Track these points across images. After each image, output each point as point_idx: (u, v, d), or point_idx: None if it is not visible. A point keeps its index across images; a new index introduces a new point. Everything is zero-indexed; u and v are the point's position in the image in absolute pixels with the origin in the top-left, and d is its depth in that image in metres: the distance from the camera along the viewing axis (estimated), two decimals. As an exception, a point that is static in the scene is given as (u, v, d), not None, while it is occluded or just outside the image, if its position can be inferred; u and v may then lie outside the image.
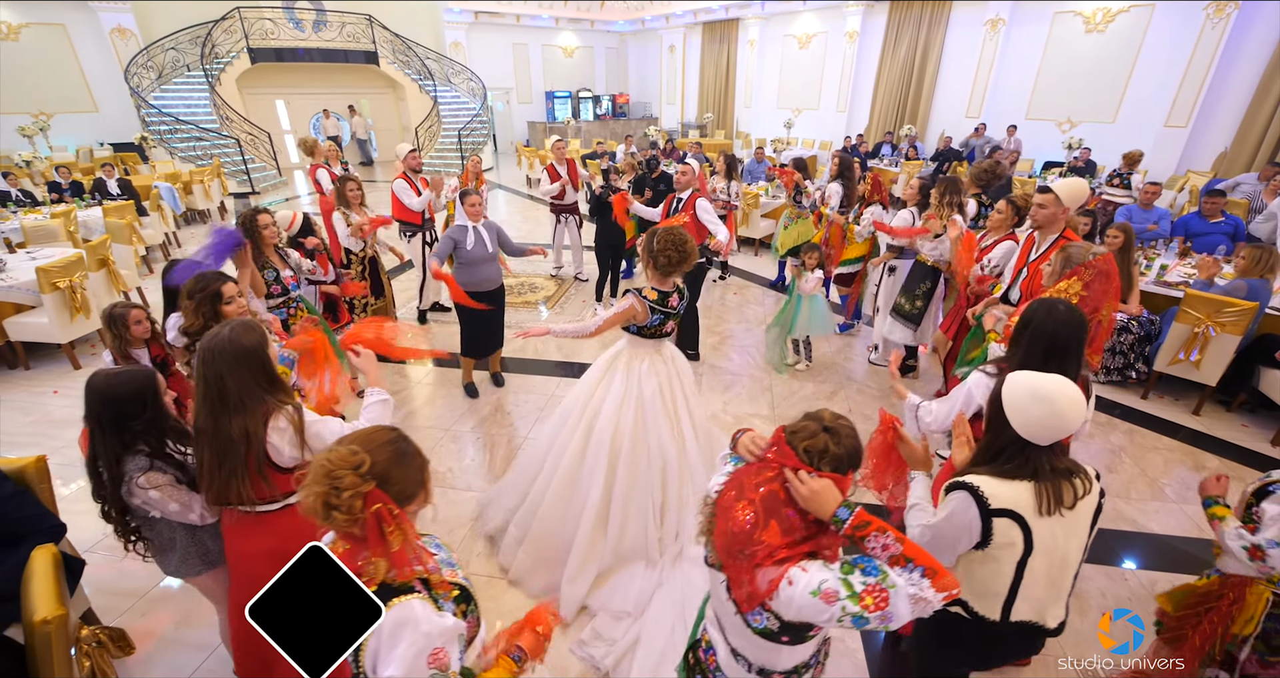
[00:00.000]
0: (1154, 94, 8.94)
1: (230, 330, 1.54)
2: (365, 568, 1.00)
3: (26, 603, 1.47)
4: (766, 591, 1.04)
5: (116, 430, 1.62)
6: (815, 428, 1.11)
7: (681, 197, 4.34)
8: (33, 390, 4.27)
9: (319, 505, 0.98)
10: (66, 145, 12.26)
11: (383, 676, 0.97)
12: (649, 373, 2.45)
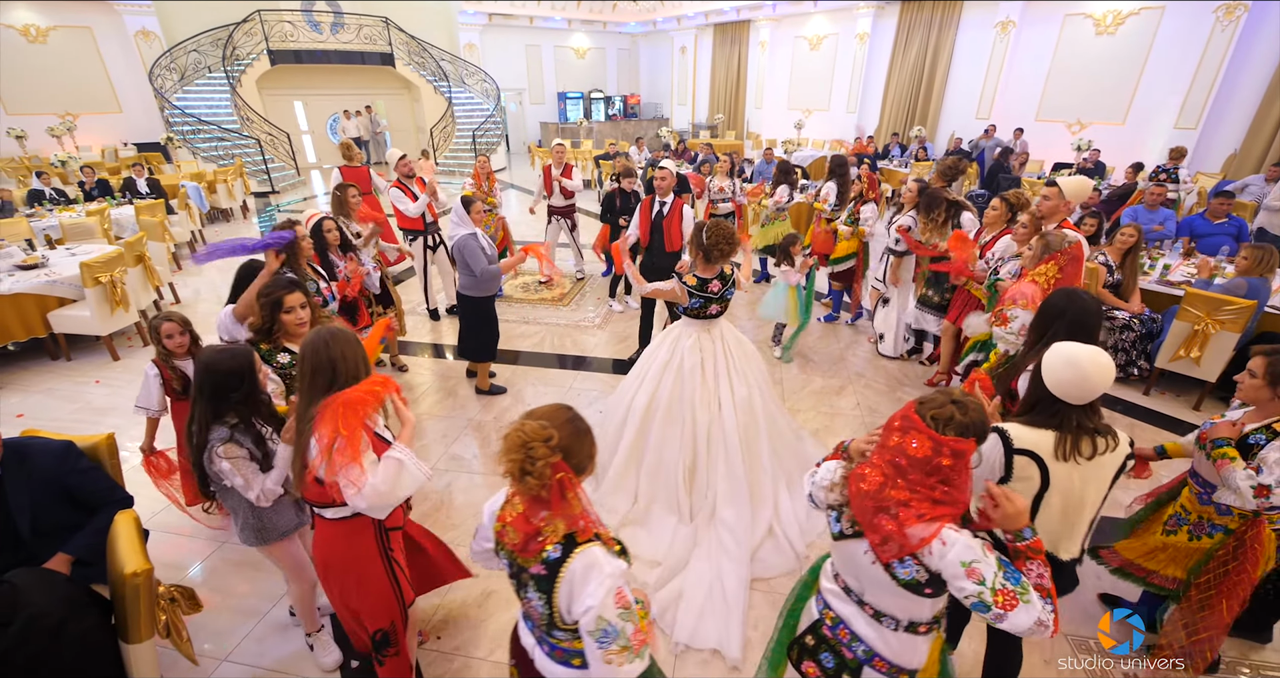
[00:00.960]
0: (1164, 96, 8.98)
1: (318, 334, 1.61)
2: (544, 527, 1.20)
3: (115, 560, 1.64)
4: (917, 545, 1.18)
5: (213, 400, 1.78)
6: (943, 400, 1.24)
7: (665, 201, 4.32)
8: (75, 380, 4.49)
9: (516, 471, 1.16)
10: (91, 145, 12.61)
11: (580, 610, 1.15)
12: (691, 349, 2.75)
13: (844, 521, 1.33)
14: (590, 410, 3.99)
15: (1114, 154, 9.17)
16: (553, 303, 5.99)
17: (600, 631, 1.13)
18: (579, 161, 12.33)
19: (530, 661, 1.34)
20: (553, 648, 1.28)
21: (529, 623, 1.34)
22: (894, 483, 1.19)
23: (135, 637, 1.61)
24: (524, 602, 1.28)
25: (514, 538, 1.24)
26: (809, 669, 1.46)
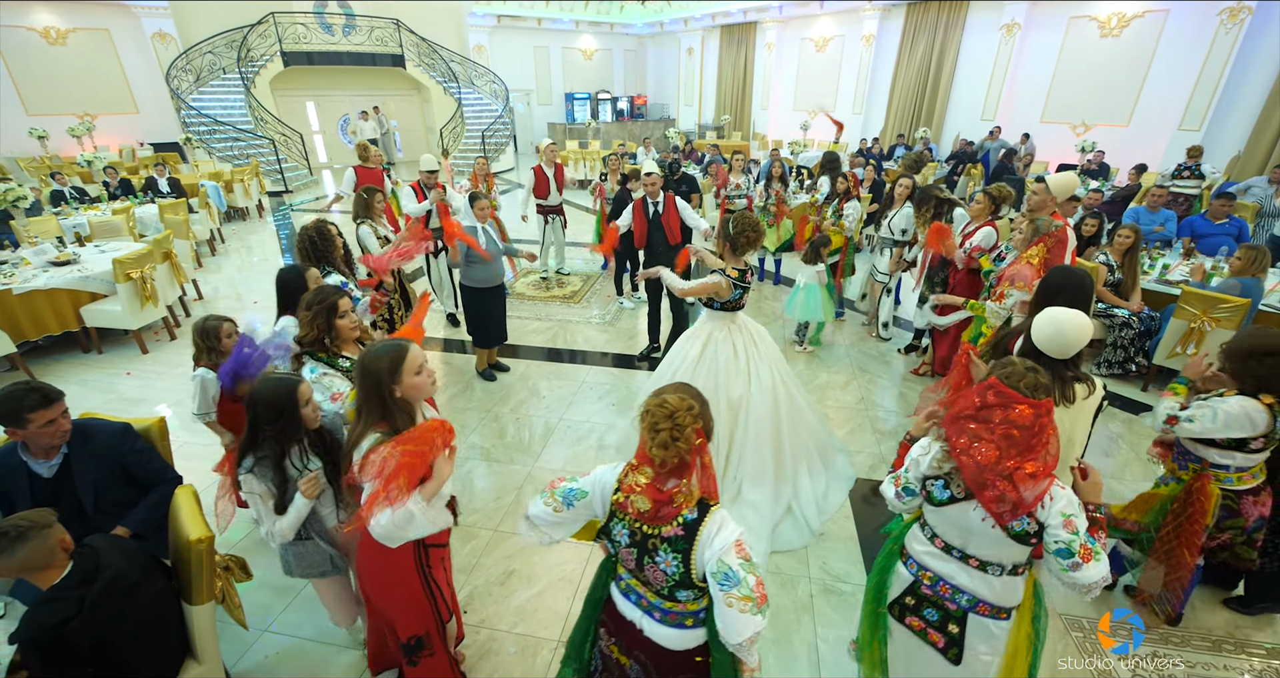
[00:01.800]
0: (1168, 98, 9.06)
1: (376, 349, 1.63)
2: (675, 493, 1.32)
3: (179, 529, 1.79)
4: (1033, 502, 1.35)
5: (252, 428, 1.76)
6: (1023, 369, 1.42)
7: (657, 202, 4.41)
8: (107, 372, 4.66)
9: (668, 439, 1.28)
10: (109, 145, 12.85)
11: (708, 557, 1.28)
12: (724, 341, 2.89)
13: (952, 487, 1.49)
14: (603, 404, 4.14)
15: (1118, 156, 9.25)
16: (564, 301, 6.13)
17: (722, 574, 1.24)
18: (586, 162, 12.48)
19: (638, 630, 1.43)
20: (665, 613, 1.39)
21: (633, 596, 1.45)
22: (1009, 453, 1.35)
23: (198, 599, 1.76)
24: (647, 567, 1.35)
25: (642, 506, 1.34)
26: (914, 623, 1.64)
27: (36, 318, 4.56)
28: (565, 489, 1.45)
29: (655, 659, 1.43)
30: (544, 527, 1.47)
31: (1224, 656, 2.29)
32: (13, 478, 2.01)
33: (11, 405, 1.90)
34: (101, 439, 2.12)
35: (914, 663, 1.69)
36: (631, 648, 1.46)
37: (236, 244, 8.45)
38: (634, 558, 1.38)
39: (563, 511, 1.44)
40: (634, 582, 1.44)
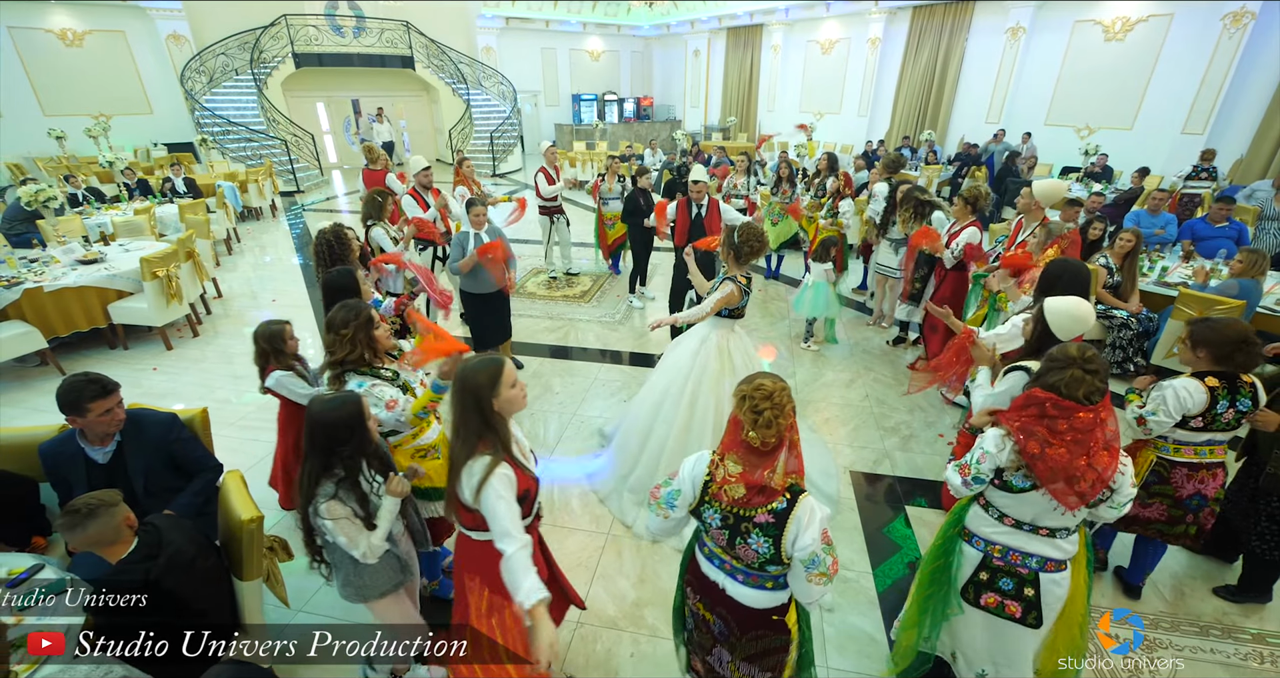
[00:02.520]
0: (1171, 102, 9.13)
1: (474, 364, 1.65)
2: (764, 480, 1.45)
3: (230, 510, 1.93)
4: (1110, 476, 1.57)
5: (324, 452, 1.72)
6: (1080, 374, 1.56)
7: (702, 204, 4.68)
8: (134, 367, 4.81)
9: (771, 418, 1.41)
10: (124, 145, 13.05)
11: (801, 545, 1.44)
12: (736, 348, 2.96)
13: (1032, 477, 1.65)
14: (614, 400, 4.27)
15: (1121, 159, 9.32)
16: (575, 300, 6.26)
17: (811, 559, 1.43)
18: (594, 163, 12.61)
19: (720, 590, 1.60)
20: (747, 576, 1.56)
21: (716, 560, 1.61)
22: (1077, 454, 1.55)
23: (247, 575, 1.90)
24: (738, 546, 1.50)
25: (737, 493, 1.48)
26: (989, 600, 1.79)
27: (66, 315, 4.72)
28: (666, 495, 1.62)
29: (737, 616, 1.59)
30: (662, 533, 1.69)
31: (1211, 640, 2.40)
32: (70, 463, 2.15)
33: (73, 395, 2.04)
34: (151, 428, 2.25)
35: (992, 640, 1.85)
36: (715, 606, 1.63)
37: (251, 244, 8.62)
38: (725, 538, 1.53)
39: (670, 514, 1.62)
40: (718, 550, 1.59)
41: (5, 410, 4.19)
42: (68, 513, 1.59)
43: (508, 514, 1.55)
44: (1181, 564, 2.83)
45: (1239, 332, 2.11)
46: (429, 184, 5.17)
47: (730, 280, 2.85)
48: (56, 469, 2.16)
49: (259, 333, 2.54)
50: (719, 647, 1.67)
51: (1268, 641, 2.41)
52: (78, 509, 1.59)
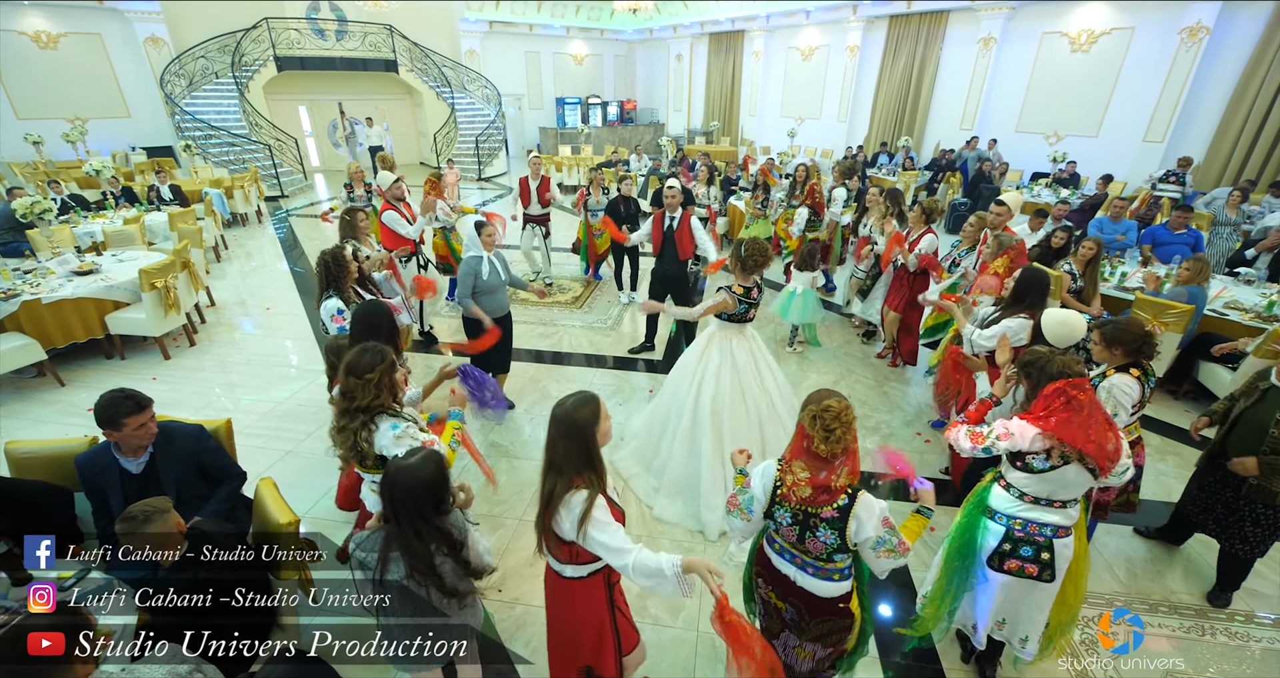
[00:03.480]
0: (1134, 111, 9.57)
1: (573, 402, 1.69)
2: (831, 480, 1.67)
3: (267, 514, 2.07)
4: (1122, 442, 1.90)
5: (415, 516, 1.63)
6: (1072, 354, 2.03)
7: (674, 215, 4.69)
8: (133, 377, 4.86)
9: (840, 436, 1.63)
10: (100, 150, 12.87)
11: (864, 535, 1.66)
12: (739, 349, 3.19)
13: (1053, 458, 1.93)
14: (610, 404, 4.45)
15: (1088, 165, 9.74)
16: (567, 306, 6.43)
17: (876, 541, 1.67)
18: (580, 168, 12.76)
19: (791, 582, 1.82)
20: (817, 569, 1.78)
21: (787, 555, 1.82)
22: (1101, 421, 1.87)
23: (285, 574, 2.04)
24: (808, 540, 1.72)
25: (804, 493, 1.70)
26: (1012, 566, 2.07)
27: (64, 326, 4.76)
28: (745, 502, 1.83)
29: (808, 604, 1.81)
30: (747, 532, 1.90)
31: (1159, 616, 2.66)
32: (106, 474, 2.27)
33: (110, 411, 2.17)
34: (181, 440, 2.38)
35: (1012, 597, 2.15)
36: (787, 595, 1.85)
37: (237, 250, 8.62)
38: (795, 533, 1.75)
39: (750, 518, 1.84)
40: (788, 546, 1.80)
41: (6, 423, 4.23)
42: (125, 519, 1.73)
43: (616, 535, 1.62)
44: (1136, 550, 3.10)
45: (1141, 328, 2.43)
46: (402, 196, 5.15)
47: (725, 290, 3.09)
48: (92, 479, 2.27)
49: (327, 347, 2.61)
50: (786, 631, 1.89)
51: (1208, 615, 2.68)
52: (134, 516, 1.73)
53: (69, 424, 4.22)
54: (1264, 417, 2.46)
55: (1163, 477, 3.69)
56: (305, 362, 5.18)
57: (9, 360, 4.40)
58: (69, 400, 4.53)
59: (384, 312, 2.57)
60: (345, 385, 2.02)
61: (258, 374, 4.97)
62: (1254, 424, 2.49)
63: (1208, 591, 2.80)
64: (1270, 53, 8.28)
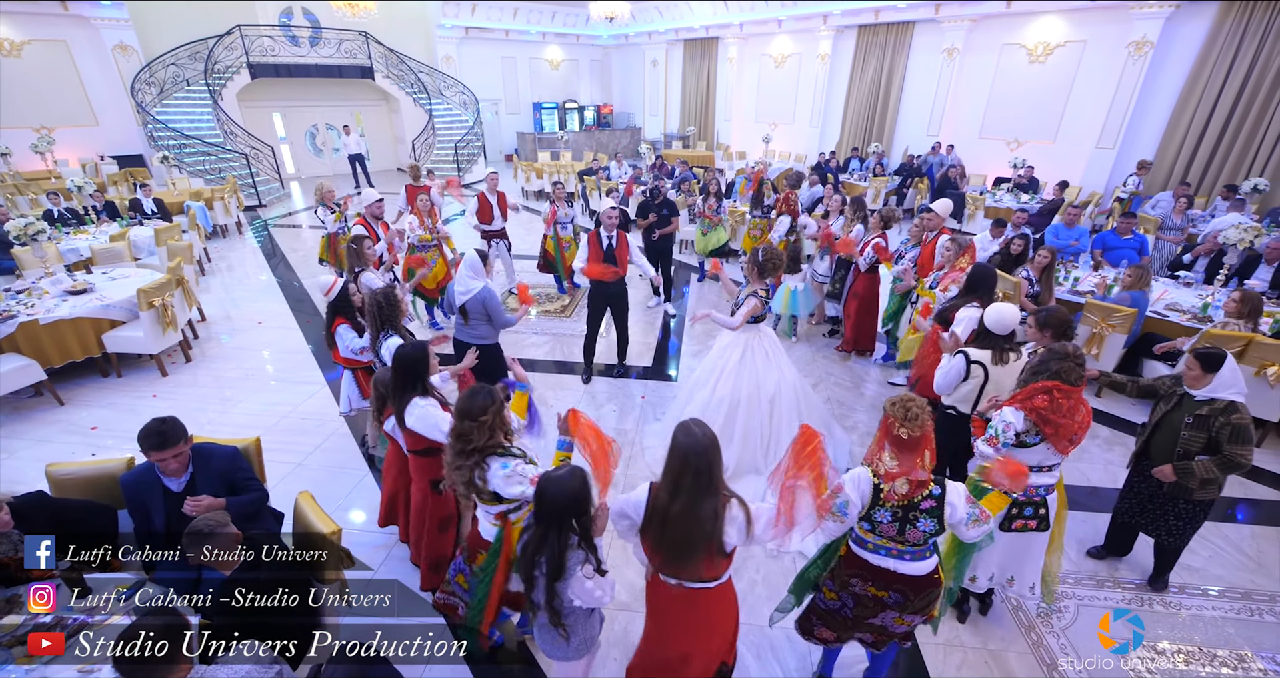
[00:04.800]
0: (1087, 119, 10.13)
1: (701, 432, 1.81)
2: (918, 468, 1.93)
3: (309, 524, 2.26)
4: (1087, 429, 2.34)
5: (561, 527, 1.79)
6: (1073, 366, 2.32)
7: (611, 235, 4.71)
8: (132, 395, 4.94)
9: (918, 414, 1.89)
10: (68, 159, 12.61)
11: (958, 517, 1.97)
12: (758, 347, 3.55)
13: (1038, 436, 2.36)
14: (606, 410, 4.68)
15: (1046, 170, 10.28)
16: (557, 315, 6.64)
17: (966, 516, 1.99)
18: (561, 174, 12.93)
19: (893, 572, 2.06)
20: (914, 555, 2.04)
21: (883, 551, 2.05)
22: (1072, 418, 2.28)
23: (328, 579, 2.23)
24: (908, 532, 1.98)
25: (903, 489, 1.95)
26: (1018, 525, 2.51)
27: (61, 345, 4.81)
28: (837, 506, 2.02)
29: (910, 586, 2.06)
30: (837, 532, 2.16)
31: (1104, 590, 3.01)
32: (150, 493, 2.43)
33: (143, 443, 2.32)
34: (217, 461, 2.54)
35: (1017, 552, 2.58)
36: (889, 585, 2.07)
37: (221, 263, 8.62)
38: (896, 529, 1.99)
39: (844, 520, 2.06)
40: (885, 541, 2.04)
41: (8, 443, 4.29)
42: (191, 533, 1.92)
43: (765, 516, 1.88)
44: (1085, 533, 3.44)
45: (1066, 315, 2.87)
46: (379, 215, 5.15)
47: (753, 295, 3.43)
48: (136, 498, 2.43)
49: (378, 380, 2.66)
50: (886, 611, 2.11)
51: (1146, 588, 3.03)
52: (200, 530, 1.92)
53: (72, 443, 4.29)
54: (1179, 421, 2.69)
55: (1111, 466, 4.07)
56: (303, 375, 5.30)
57: (9, 381, 4.45)
58: (70, 419, 4.59)
59: (423, 351, 2.58)
60: (460, 428, 2.08)
61: (257, 389, 5.08)
62: (1171, 429, 2.72)
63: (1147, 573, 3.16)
64: (1209, 65, 8.88)
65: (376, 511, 3.55)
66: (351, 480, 3.89)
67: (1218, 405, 2.58)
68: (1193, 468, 2.63)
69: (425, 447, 2.63)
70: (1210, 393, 2.59)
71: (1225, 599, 3.00)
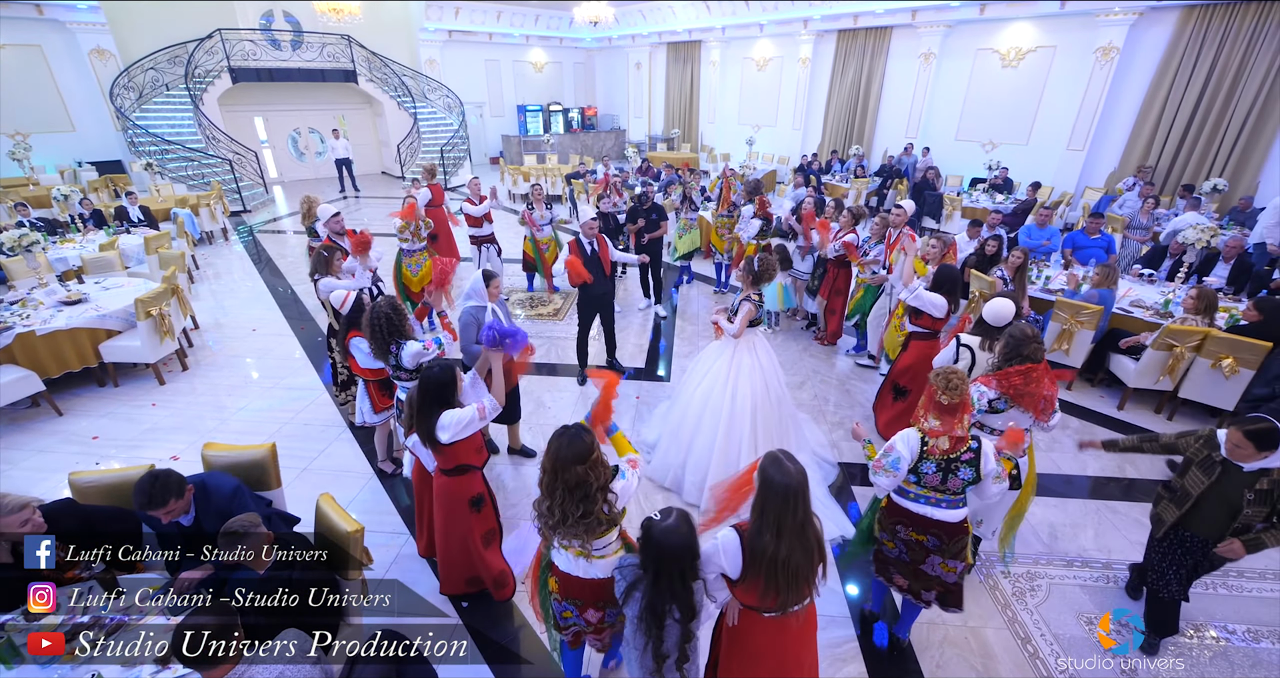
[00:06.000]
0: (1058, 121, 10.50)
1: (792, 465, 1.80)
2: (958, 427, 2.32)
3: (332, 525, 2.38)
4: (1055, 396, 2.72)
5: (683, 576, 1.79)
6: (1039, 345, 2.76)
7: (593, 241, 4.90)
8: (132, 404, 4.98)
9: (958, 384, 2.30)
10: (45, 166, 12.42)
11: (990, 467, 2.32)
12: (761, 350, 3.72)
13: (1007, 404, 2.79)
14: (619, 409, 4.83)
15: (1020, 171, 10.63)
16: (550, 318, 6.76)
17: (993, 471, 2.35)
18: (547, 178, 13.03)
19: (930, 518, 2.40)
20: (950, 503, 2.39)
21: (922, 499, 2.40)
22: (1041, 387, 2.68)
23: (352, 575, 2.36)
24: (949, 481, 2.33)
25: (945, 445, 2.32)
26: None
27: (58, 356, 4.83)
28: (890, 462, 2.39)
29: (945, 530, 2.41)
30: (891, 487, 2.45)
31: (1074, 569, 3.24)
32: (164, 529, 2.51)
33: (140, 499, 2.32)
34: (217, 500, 2.55)
35: (989, 504, 2.89)
36: (926, 529, 2.43)
37: (208, 270, 8.60)
38: (939, 478, 2.35)
39: (896, 475, 2.39)
40: (925, 490, 2.39)
41: (10, 454, 4.32)
42: (226, 535, 2.04)
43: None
44: (1056, 517, 3.67)
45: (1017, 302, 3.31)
46: (342, 230, 4.99)
47: (747, 300, 3.60)
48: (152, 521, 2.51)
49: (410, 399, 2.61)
50: (932, 556, 2.45)
51: (1113, 567, 3.27)
52: (234, 531, 2.04)
53: (72, 453, 4.33)
54: (1232, 494, 2.46)
55: (1080, 457, 4.32)
56: (301, 381, 5.37)
57: (8, 393, 4.48)
58: (69, 430, 4.63)
59: (451, 372, 2.55)
60: (575, 476, 1.95)
61: (256, 396, 5.14)
62: (1222, 502, 2.50)
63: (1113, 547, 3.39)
64: (1172, 70, 9.26)
65: (377, 512, 3.70)
66: (355, 485, 3.99)
67: (1275, 476, 2.39)
68: (1265, 542, 2.44)
69: (457, 465, 2.63)
70: (1263, 464, 2.39)
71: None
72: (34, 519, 2.25)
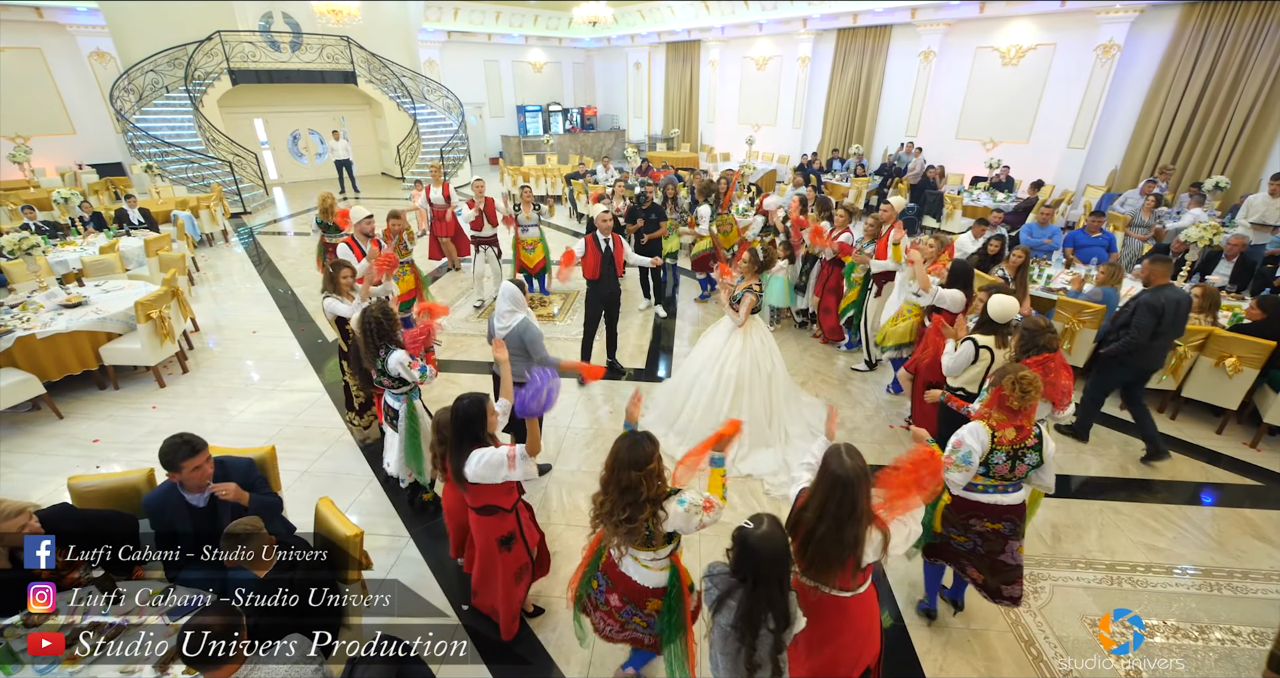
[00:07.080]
0: (1059, 119, 10.47)
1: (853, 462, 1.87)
2: (1025, 423, 2.40)
3: (332, 529, 2.37)
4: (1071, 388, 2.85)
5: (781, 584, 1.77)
6: (1052, 334, 2.87)
7: (608, 238, 4.89)
8: (132, 407, 4.97)
9: (1035, 396, 2.35)
10: (45, 168, 12.43)
11: (1051, 451, 2.46)
12: (757, 336, 3.95)
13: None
14: (602, 412, 4.83)
15: (1021, 170, 10.61)
16: (547, 320, 6.75)
17: (1052, 452, 2.48)
18: (548, 179, 13.02)
19: (1001, 505, 2.53)
20: (1014, 487, 2.52)
21: (990, 490, 2.52)
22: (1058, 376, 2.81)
23: (351, 577, 2.35)
24: (1017, 467, 2.44)
25: (1012, 436, 2.41)
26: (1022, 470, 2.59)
27: (59, 359, 4.83)
28: (961, 457, 2.45)
29: (1016, 513, 2.55)
30: (964, 480, 2.51)
31: (1077, 570, 3.22)
32: (175, 510, 2.51)
33: (169, 456, 2.41)
34: (235, 475, 2.62)
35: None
36: (1001, 516, 2.55)
37: (208, 272, 8.60)
38: (1009, 467, 2.45)
39: (968, 469, 2.46)
40: (992, 480, 2.50)
41: (10, 457, 4.32)
42: (229, 537, 2.03)
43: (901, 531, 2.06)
44: (1059, 518, 3.66)
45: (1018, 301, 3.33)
46: (370, 233, 4.97)
47: (749, 291, 3.81)
48: (161, 516, 2.50)
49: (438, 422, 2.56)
50: (1010, 542, 2.56)
51: (1116, 568, 3.25)
52: (237, 534, 2.03)
53: (73, 456, 4.33)
54: None
55: (1083, 455, 4.30)
56: (301, 383, 5.36)
57: (8, 396, 4.48)
58: (70, 433, 4.62)
59: (481, 405, 2.44)
60: (628, 480, 1.99)
61: (257, 398, 5.14)
62: None
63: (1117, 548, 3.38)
64: (1173, 67, 9.24)
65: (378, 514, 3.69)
66: (356, 488, 3.99)
67: None
68: None
69: (485, 504, 2.54)
70: None
71: (1187, 577, 3.22)
72: (30, 524, 2.24)
